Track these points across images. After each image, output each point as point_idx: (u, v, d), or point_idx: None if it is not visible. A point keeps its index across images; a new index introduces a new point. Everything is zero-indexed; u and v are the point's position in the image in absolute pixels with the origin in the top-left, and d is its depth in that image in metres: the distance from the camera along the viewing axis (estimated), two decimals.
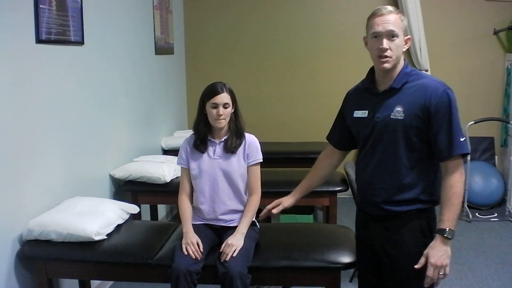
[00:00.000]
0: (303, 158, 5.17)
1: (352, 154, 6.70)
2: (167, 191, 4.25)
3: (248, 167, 3.07)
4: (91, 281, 3.76)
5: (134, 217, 3.64)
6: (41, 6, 3.18)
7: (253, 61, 6.69)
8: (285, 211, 3.01)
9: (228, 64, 6.68)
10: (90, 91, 3.93)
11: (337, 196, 4.28)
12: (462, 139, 2.35)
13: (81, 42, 3.74)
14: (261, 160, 3.10)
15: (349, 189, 4.25)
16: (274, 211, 2.90)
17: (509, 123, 6.11)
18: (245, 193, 3.10)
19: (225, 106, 2.96)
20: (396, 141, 2.45)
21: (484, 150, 6.43)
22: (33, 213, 3.15)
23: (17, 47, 3.02)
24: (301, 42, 6.63)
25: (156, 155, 4.95)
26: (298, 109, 6.57)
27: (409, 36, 2.47)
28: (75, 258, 3.06)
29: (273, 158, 4.74)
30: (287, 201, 2.92)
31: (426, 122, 2.38)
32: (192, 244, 2.88)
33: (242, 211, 3.05)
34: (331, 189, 4.20)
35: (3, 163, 2.90)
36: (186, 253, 2.84)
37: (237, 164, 3.04)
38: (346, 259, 2.93)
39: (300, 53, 6.64)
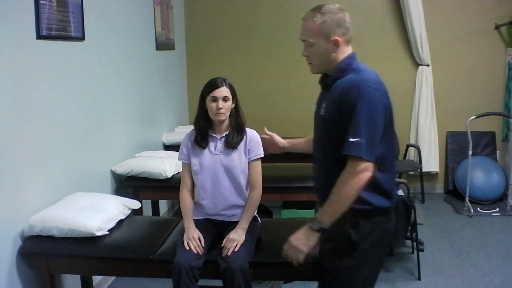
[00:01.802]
0: (305, 153, 5.15)
1: None
2: (168, 187, 4.25)
3: (249, 162, 3.07)
4: (93, 277, 3.76)
5: (136, 212, 3.64)
6: (41, 2, 3.18)
7: (255, 56, 6.68)
8: (286, 207, 2.99)
9: (229, 59, 6.67)
10: (91, 86, 3.93)
11: None
12: (353, 140, 2.19)
13: (81, 38, 3.74)
14: (262, 155, 3.10)
15: None
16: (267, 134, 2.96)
17: (510, 117, 6.11)
18: (246, 189, 3.09)
19: (224, 99, 2.96)
20: (322, 138, 2.46)
21: (485, 145, 6.44)
22: (34, 209, 3.15)
23: (17, 42, 3.01)
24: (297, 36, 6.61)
25: (157, 151, 4.95)
26: (299, 103, 6.55)
27: (334, 38, 2.36)
28: (76, 254, 3.06)
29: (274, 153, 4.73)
30: (279, 138, 2.98)
31: (341, 119, 2.27)
32: (194, 239, 2.88)
33: (243, 206, 3.05)
34: None
35: (4, 159, 2.90)
36: (188, 248, 2.85)
37: (238, 159, 3.04)
38: None
39: (302, 47, 6.61)
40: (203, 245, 2.89)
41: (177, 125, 6.16)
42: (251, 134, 3.10)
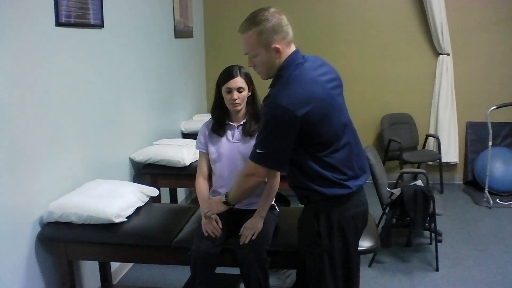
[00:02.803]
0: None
1: (371, 139, 6.68)
2: (186, 174, 4.26)
3: None
4: (111, 263, 3.79)
5: (154, 200, 3.65)
6: None
7: None
8: None
9: None
10: (110, 74, 3.94)
11: None
12: (259, 151, 2.39)
13: (100, 25, 3.74)
14: None
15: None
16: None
17: None
18: None
19: (239, 90, 2.94)
20: None
21: (505, 135, 6.37)
22: (53, 195, 3.17)
23: (37, 30, 3.02)
24: (322, 25, 6.61)
25: (175, 139, 4.96)
26: None
27: (274, 46, 2.36)
28: (95, 240, 3.08)
29: None
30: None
31: None
32: (210, 222, 2.88)
33: (261, 195, 3.04)
34: None
35: (24, 146, 2.92)
36: (206, 232, 2.85)
37: None
38: (366, 243, 2.91)
39: (321, 36, 6.60)
40: (221, 227, 2.89)
41: (196, 113, 6.16)
42: None
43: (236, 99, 2.93)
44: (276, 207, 3.19)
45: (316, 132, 2.33)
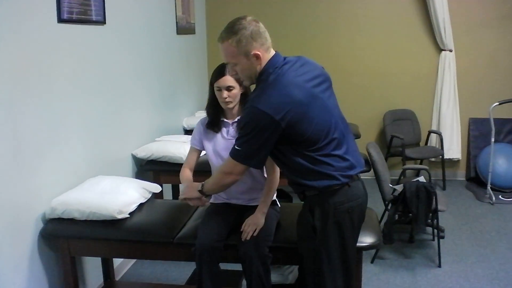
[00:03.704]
0: None
1: (374, 135, 6.69)
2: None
3: None
4: (114, 259, 3.80)
5: (156, 196, 3.66)
6: None
7: (274, 40, 6.60)
8: None
9: None
10: (112, 70, 3.94)
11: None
12: (237, 148, 2.45)
13: (102, 22, 3.74)
14: None
15: (371, 169, 4.23)
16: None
17: None
18: (263, 171, 3.08)
19: (229, 88, 2.92)
20: None
21: (508, 131, 6.36)
22: (56, 192, 3.18)
23: (39, 26, 3.02)
24: (322, 21, 6.61)
25: (177, 135, 4.96)
26: None
27: (254, 52, 2.41)
28: (97, 237, 3.09)
29: None
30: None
31: None
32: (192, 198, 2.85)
33: (261, 189, 3.04)
34: None
35: (27, 142, 2.92)
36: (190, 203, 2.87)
37: None
38: (368, 239, 2.92)
39: (321, 32, 6.61)
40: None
41: (198, 109, 6.16)
42: None
43: (226, 97, 2.93)
44: (278, 202, 3.19)
45: (299, 132, 2.37)
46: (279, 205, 3.19)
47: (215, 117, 3.06)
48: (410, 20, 6.41)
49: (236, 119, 3.03)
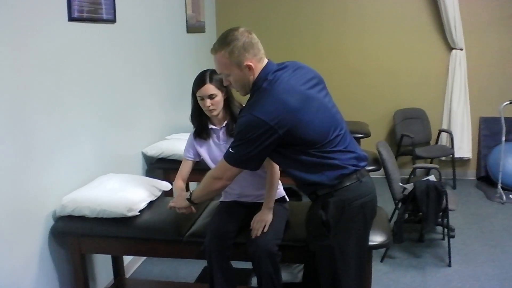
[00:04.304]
0: None
1: (384, 134, 6.66)
2: (198, 169, 4.18)
3: None
4: (124, 257, 3.81)
5: (166, 194, 3.66)
6: None
7: (283, 39, 6.64)
8: None
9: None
10: (122, 69, 3.95)
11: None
12: (231, 150, 2.47)
13: (113, 20, 3.75)
14: None
15: (381, 168, 4.22)
16: None
17: None
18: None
19: (211, 97, 2.93)
20: None
21: None
22: (66, 189, 3.19)
23: (49, 25, 3.04)
24: (331, 21, 6.59)
25: (187, 133, 4.95)
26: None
27: (247, 63, 2.44)
28: (108, 234, 3.10)
29: None
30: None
31: None
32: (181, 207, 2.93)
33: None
34: None
35: (37, 140, 2.94)
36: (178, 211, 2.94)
37: None
38: (378, 238, 2.90)
39: (330, 31, 6.60)
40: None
41: None
42: None
43: (210, 106, 2.93)
44: (286, 198, 3.18)
45: (301, 136, 2.39)
46: (288, 200, 3.19)
47: (201, 126, 3.10)
48: (420, 19, 6.38)
49: (224, 124, 3.04)
